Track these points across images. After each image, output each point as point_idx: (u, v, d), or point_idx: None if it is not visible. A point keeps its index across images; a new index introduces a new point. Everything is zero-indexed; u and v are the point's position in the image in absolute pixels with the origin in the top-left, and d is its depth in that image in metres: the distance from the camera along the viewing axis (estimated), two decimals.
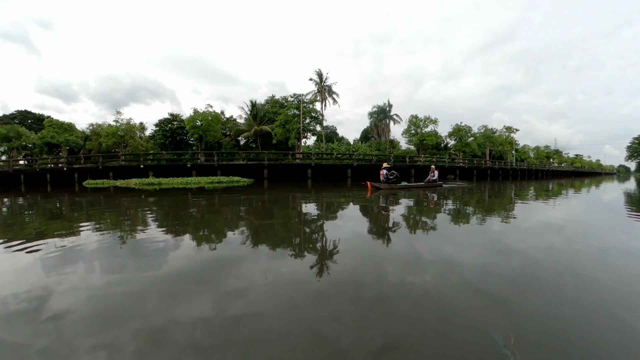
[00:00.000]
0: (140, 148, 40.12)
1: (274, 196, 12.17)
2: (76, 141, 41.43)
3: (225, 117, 48.40)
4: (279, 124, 36.98)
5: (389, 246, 4.44)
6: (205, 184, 18.58)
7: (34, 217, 8.18)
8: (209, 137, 35.08)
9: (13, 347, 2.07)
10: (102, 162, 25.48)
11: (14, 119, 51.73)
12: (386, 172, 14.44)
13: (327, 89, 41.94)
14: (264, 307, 2.52)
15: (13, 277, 3.38)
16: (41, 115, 51.44)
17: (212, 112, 35.33)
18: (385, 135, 55.98)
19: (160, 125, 44.08)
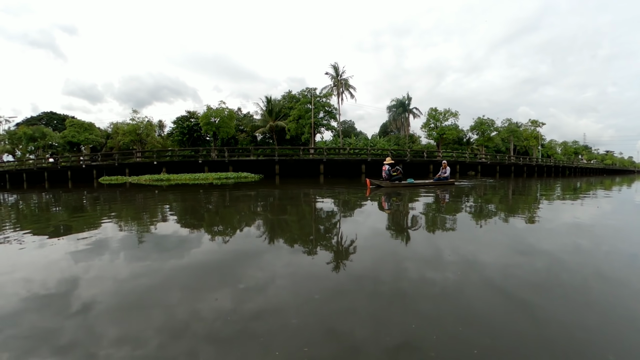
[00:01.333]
0: (157, 145, 41.04)
1: (275, 192, 12.40)
2: (96, 139, 43.19)
3: (242, 114, 48.77)
4: (292, 119, 36.77)
5: (407, 243, 4.35)
6: (213, 180, 18.77)
7: (57, 211, 9.21)
8: (222, 133, 35.41)
9: (43, 331, 2.25)
10: (118, 159, 26.16)
11: (40, 120, 54.35)
12: (388, 167, 12.62)
13: (343, 83, 41.22)
14: (282, 301, 2.57)
15: (42, 267, 3.68)
16: (65, 116, 53.75)
17: (225, 108, 35.56)
18: (404, 129, 54.59)
19: (178, 123, 44.98)
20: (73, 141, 40.93)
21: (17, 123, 52.61)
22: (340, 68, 40.97)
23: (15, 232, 5.89)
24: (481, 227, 5.57)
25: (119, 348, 2.03)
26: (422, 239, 4.65)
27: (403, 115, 54.23)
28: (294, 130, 36.81)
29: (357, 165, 25.26)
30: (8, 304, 2.71)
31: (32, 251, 4.46)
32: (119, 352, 1.99)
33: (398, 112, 54.71)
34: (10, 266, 3.75)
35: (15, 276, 3.40)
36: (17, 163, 34.73)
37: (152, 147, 39.56)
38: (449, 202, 8.75)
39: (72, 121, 43.23)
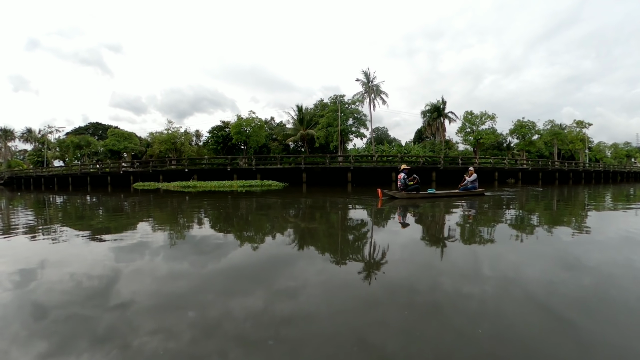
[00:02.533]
0: (191, 154, 42.88)
1: (288, 201, 12.34)
2: (135, 148, 46.17)
3: (275, 123, 49.89)
4: (320, 127, 36.87)
5: (441, 255, 4.20)
6: (238, 187, 19.32)
7: (98, 212, 10.34)
8: (252, 142, 36.27)
9: (83, 319, 2.50)
10: (152, 167, 27.48)
11: (87, 130, 59.09)
12: (404, 176, 10.92)
13: (374, 88, 40.70)
14: (314, 308, 2.60)
15: (86, 263, 4.07)
16: (109, 126, 57.95)
17: (254, 118, 36.47)
18: (440, 135, 52.59)
19: (213, 132, 46.85)
20: (114, 149, 44.16)
21: (67, 132, 57.47)
22: (371, 74, 40.61)
23: (63, 229, 6.77)
24: (522, 239, 5.22)
25: (153, 339, 2.19)
26: (458, 251, 4.46)
27: (438, 120, 52.24)
28: (323, 138, 36.84)
29: (387, 173, 24.63)
30: (55, 294, 3.05)
31: (78, 247, 5.00)
32: (152, 343, 2.14)
33: (433, 117, 52.74)
34: (59, 260, 4.24)
35: (64, 269, 3.80)
36: (65, 168, 38.00)
37: (188, 156, 41.42)
38: (478, 215, 7.73)
39: (113, 131, 46.64)
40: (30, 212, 10.74)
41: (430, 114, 52.12)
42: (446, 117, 50.67)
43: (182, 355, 2.00)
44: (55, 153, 51.79)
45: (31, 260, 4.28)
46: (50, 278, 3.55)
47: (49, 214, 10.14)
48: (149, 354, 2.02)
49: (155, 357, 1.99)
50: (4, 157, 57.26)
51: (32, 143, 56.14)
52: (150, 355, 2.00)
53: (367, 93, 40.58)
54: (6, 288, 3.24)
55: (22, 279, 3.52)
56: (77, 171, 33.10)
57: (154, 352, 2.04)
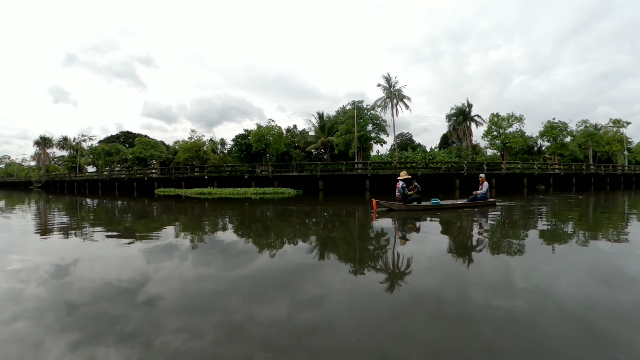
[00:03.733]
0: (214, 161, 44.02)
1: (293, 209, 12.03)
2: (161, 155, 47.87)
3: (297, 130, 50.30)
4: (339, 134, 36.61)
5: (469, 265, 4.10)
6: (251, 194, 19.49)
7: (126, 215, 11.10)
8: (272, 150, 36.66)
9: (112, 318, 2.64)
10: (174, 174, 28.25)
11: (118, 138, 62.07)
12: (402, 184, 9.71)
13: (396, 93, 39.89)
14: (337, 317, 2.59)
15: (116, 263, 4.36)
16: (139, 135, 60.74)
17: (274, 126, 36.97)
18: (466, 139, 50.49)
19: (236, 140, 47.87)
20: (141, 157, 46.09)
21: (99, 140, 60.80)
22: (393, 78, 39.88)
23: (94, 230, 7.27)
24: (555, 250, 5.00)
25: (177, 338, 2.28)
26: (487, 262, 4.31)
27: (464, 124, 50.14)
28: (342, 145, 36.59)
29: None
30: (86, 290, 3.26)
31: (109, 247, 5.39)
32: (175, 341, 2.24)
33: (458, 121, 50.61)
34: (91, 259, 4.58)
35: (96, 267, 4.13)
36: (95, 174, 40.34)
37: (212, 163, 42.61)
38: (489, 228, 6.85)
39: (140, 139, 48.94)
40: (65, 214, 11.60)
41: (456, 118, 50.14)
42: (472, 121, 48.60)
43: (204, 356, 2.07)
44: (87, 159, 55.29)
45: (66, 258, 4.68)
46: (83, 275, 3.86)
47: (83, 216, 10.89)
48: (172, 351, 2.12)
49: (177, 356, 2.07)
50: (43, 163, 61.98)
51: (68, 150, 60.09)
52: (172, 354, 2.09)
53: (389, 98, 39.88)
54: (43, 282, 3.56)
55: (57, 275, 3.83)
56: (106, 177, 35.04)
57: (177, 350, 2.13)
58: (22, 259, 4.76)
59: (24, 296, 3.19)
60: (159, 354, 2.08)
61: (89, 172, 46.60)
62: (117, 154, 50.22)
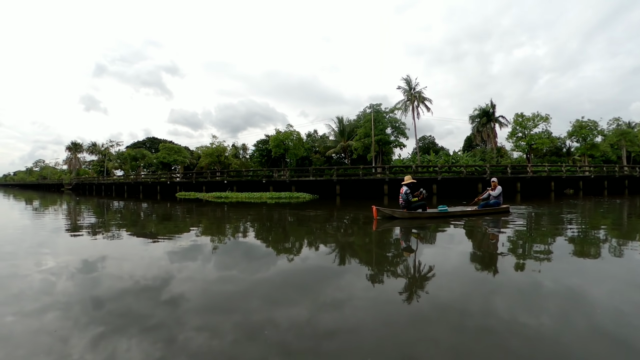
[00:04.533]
0: (234, 166, 45.06)
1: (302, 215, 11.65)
2: (184, 160, 49.47)
3: (318, 135, 50.62)
4: (358, 138, 36.38)
5: (495, 274, 3.95)
6: (267, 199, 19.60)
7: (150, 217, 11.59)
8: (290, 155, 37.10)
9: (136, 314, 2.76)
10: (195, 178, 29.09)
11: (144, 144, 64.60)
12: (406, 190, 8.94)
13: (417, 96, 39.05)
14: (359, 321, 2.58)
15: (141, 262, 4.58)
16: (164, 140, 63.12)
17: (293, 131, 37.38)
18: (490, 142, 48.69)
19: (258, 146, 48.74)
20: (164, 161, 47.71)
21: (127, 146, 63.59)
22: (413, 80, 39.04)
23: (120, 230, 7.71)
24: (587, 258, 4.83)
25: (198, 336, 2.35)
26: (513, 270, 4.12)
27: (488, 125, 48.20)
28: (361, 149, 36.33)
29: (427, 184, 23.34)
30: (112, 287, 3.43)
31: (134, 247, 5.68)
32: (196, 339, 2.30)
33: (482, 122, 48.84)
34: (118, 258, 4.81)
35: (124, 266, 4.31)
36: (121, 177, 42.31)
37: (234, 168, 43.66)
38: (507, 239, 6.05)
39: (164, 145, 50.84)
40: (93, 214, 12.29)
41: (479, 120, 48.47)
42: (497, 122, 46.71)
43: (223, 355, 2.11)
44: (115, 164, 58.02)
45: (94, 256, 4.95)
46: (110, 272, 4.06)
47: (110, 217, 11.50)
48: (192, 349, 2.16)
49: (197, 354, 2.12)
50: (74, 167, 65.56)
51: (96, 155, 63.11)
52: (193, 351, 2.14)
53: (409, 101, 39.16)
54: (72, 277, 3.78)
55: (86, 271, 4.05)
56: (131, 180, 36.47)
57: (197, 348, 2.18)
58: (54, 255, 5.10)
59: (54, 289, 3.40)
60: (180, 351, 2.14)
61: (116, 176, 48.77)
62: (142, 158, 52.58)
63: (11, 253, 5.30)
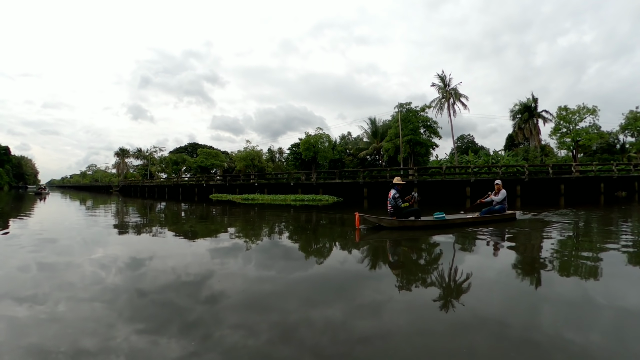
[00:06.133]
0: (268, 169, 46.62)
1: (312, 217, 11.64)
2: (221, 164, 52.05)
3: (352, 137, 50.77)
4: (388, 139, 35.85)
5: (537, 287, 3.60)
6: (291, 201, 19.87)
7: (190, 218, 12.44)
8: (320, 158, 37.58)
9: (176, 308, 2.89)
10: (228, 181, 30.43)
11: (185, 149, 68.75)
12: (394, 193, 7.66)
13: (452, 92, 37.34)
14: (394, 327, 2.55)
15: (184, 260, 4.84)
16: (204, 146, 67.02)
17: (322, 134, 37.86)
18: (534, 139, 44.86)
19: (292, 149, 49.91)
20: (202, 165, 50.46)
21: (170, 151, 68.40)
22: (447, 77, 37.23)
23: (163, 229, 8.34)
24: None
25: (233, 333, 2.41)
26: (560, 281, 3.85)
27: (530, 121, 44.71)
28: (392, 150, 35.78)
29: (460, 187, 22.36)
30: (156, 282, 3.64)
31: (177, 244, 6.09)
32: (232, 336, 2.36)
33: (523, 118, 45.23)
34: (162, 254, 5.13)
35: (167, 263, 4.58)
36: (163, 180, 46.11)
37: (268, 171, 45.30)
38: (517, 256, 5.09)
39: (202, 150, 54.11)
40: (138, 214, 13.30)
41: (521, 116, 45.13)
42: (539, 117, 43.24)
43: (257, 353, 2.14)
44: (158, 168, 62.50)
45: (140, 251, 5.35)
46: (154, 267, 4.35)
47: (154, 216, 12.43)
48: (227, 346, 2.22)
49: (232, 350, 2.17)
50: (122, 170, 71.26)
51: (142, 159, 68.22)
52: (228, 348, 2.20)
53: (444, 98, 37.60)
54: (119, 270, 4.09)
55: (132, 266, 4.35)
56: (171, 183, 38.90)
57: (232, 344, 2.24)
58: (104, 249, 5.59)
59: (103, 280, 3.70)
60: (216, 347, 2.21)
61: (161, 180, 52.48)
62: (182, 163, 56.28)
63: (67, 246, 5.88)
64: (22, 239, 6.66)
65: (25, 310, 2.87)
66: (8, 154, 75.86)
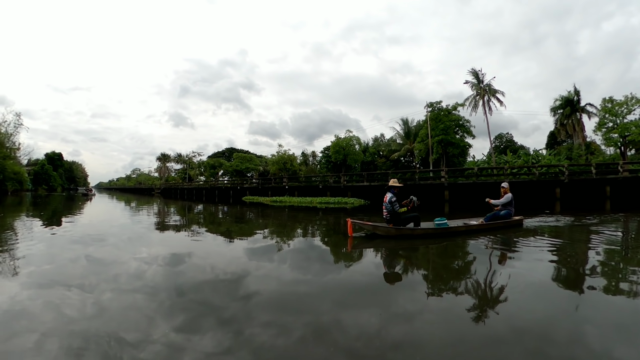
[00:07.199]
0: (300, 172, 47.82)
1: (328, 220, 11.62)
2: (256, 168, 54.47)
3: (385, 139, 50.65)
4: (420, 140, 35.24)
5: (592, 301, 3.29)
6: (317, 203, 20.04)
7: (225, 219, 13.02)
8: (350, 160, 37.97)
9: (211, 306, 3.02)
10: (260, 184, 31.75)
11: (223, 154, 72.84)
12: (390, 196, 6.82)
13: (487, 89, 34.35)
14: (427, 335, 2.48)
15: (221, 259, 5.16)
16: (241, 150, 70.81)
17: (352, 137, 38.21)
18: (577, 136, 41.12)
19: (324, 152, 50.78)
20: (237, 169, 53.05)
21: (208, 156, 72.63)
22: (481, 72, 35.48)
23: (201, 229, 8.89)
24: None
25: (264, 331, 2.47)
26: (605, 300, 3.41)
27: (573, 116, 40.86)
28: (424, 151, 35.15)
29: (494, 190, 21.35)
30: (194, 279, 3.86)
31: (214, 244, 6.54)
32: (263, 334, 2.43)
33: (565, 113, 41.46)
34: (203, 255, 5.40)
35: (207, 261, 4.86)
36: (202, 183, 49.92)
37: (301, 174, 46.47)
38: None
39: (237, 155, 57.17)
40: (177, 214, 14.23)
41: (562, 111, 41.46)
42: (583, 112, 39.29)
43: (286, 352, 2.18)
44: (196, 171, 66.49)
45: (180, 250, 5.70)
46: (193, 265, 4.62)
47: (192, 217, 13.28)
48: (259, 343, 2.28)
49: (263, 347, 2.23)
50: (163, 174, 76.45)
51: (181, 164, 72.80)
52: (259, 345, 2.26)
53: (478, 95, 35.99)
54: (160, 267, 4.36)
55: (172, 263, 4.63)
56: (209, 186, 41.24)
57: (263, 342, 2.29)
58: (147, 247, 5.98)
59: (145, 275, 3.94)
60: (248, 343, 2.27)
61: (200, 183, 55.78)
62: (219, 166, 59.65)
63: (113, 244, 6.30)
64: (73, 235, 7.27)
65: (74, 298, 3.14)
66: (61, 160, 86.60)
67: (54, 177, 70.33)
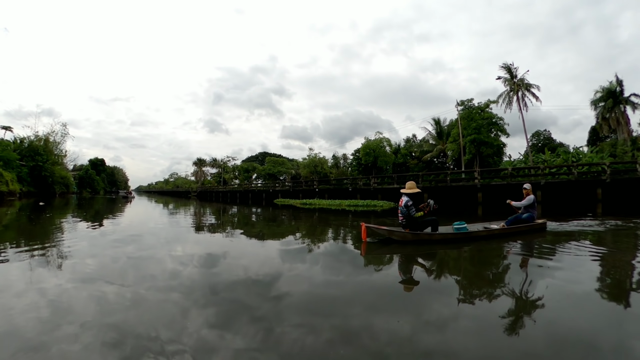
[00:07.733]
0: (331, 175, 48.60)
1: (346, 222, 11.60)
2: (288, 171, 56.17)
3: (417, 140, 50.17)
4: (451, 140, 34.49)
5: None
6: (345, 206, 19.97)
7: (258, 220, 13.51)
8: (380, 162, 38.04)
9: (243, 306, 3.10)
10: (292, 187, 32.80)
11: (256, 158, 75.75)
12: (406, 200, 6.41)
13: (520, 84, 31.74)
14: (460, 346, 2.37)
15: (254, 259, 5.33)
16: (274, 154, 73.29)
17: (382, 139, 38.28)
18: (622, 130, 37.53)
19: (355, 155, 51.15)
20: (270, 173, 55.09)
21: (242, 160, 76.33)
22: (513, 67, 33.48)
23: (235, 230, 9.30)
24: None
25: (294, 331, 2.51)
26: None
27: (616, 109, 37.32)
28: (456, 152, 34.33)
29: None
30: (228, 279, 4.00)
31: (248, 244, 6.76)
32: (292, 334, 2.47)
33: (607, 106, 38.03)
34: (237, 255, 5.59)
35: (240, 262, 5.03)
36: (236, 186, 52.56)
37: (332, 177, 47.37)
38: None
39: (269, 159, 59.28)
40: (213, 216, 14.89)
41: (604, 104, 37.83)
42: (627, 104, 35.10)
43: (314, 353, 2.20)
44: (231, 175, 69.62)
45: (215, 250, 5.94)
46: (227, 265, 4.79)
47: (227, 219, 13.86)
48: (288, 342, 2.32)
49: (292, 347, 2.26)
50: (199, 177, 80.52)
51: (216, 168, 76.43)
52: (288, 344, 2.30)
53: (512, 91, 34.29)
54: (196, 267, 4.56)
55: (207, 263, 4.83)
56: (242, 189, 43.14)
57: (292, 342, 2.33)
58: (183, 247, 6.28)
59: (180, 274, 4.10)
60: (277, 342, 2.31)
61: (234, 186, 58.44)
62: (253, 170, 62.34)
63: (151, 244, 6.56)
64: (114, 235, 7.72)
65: (113, 293, 3.31)
66: (104, 165, 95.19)
67: (97, 181, 77.51)
